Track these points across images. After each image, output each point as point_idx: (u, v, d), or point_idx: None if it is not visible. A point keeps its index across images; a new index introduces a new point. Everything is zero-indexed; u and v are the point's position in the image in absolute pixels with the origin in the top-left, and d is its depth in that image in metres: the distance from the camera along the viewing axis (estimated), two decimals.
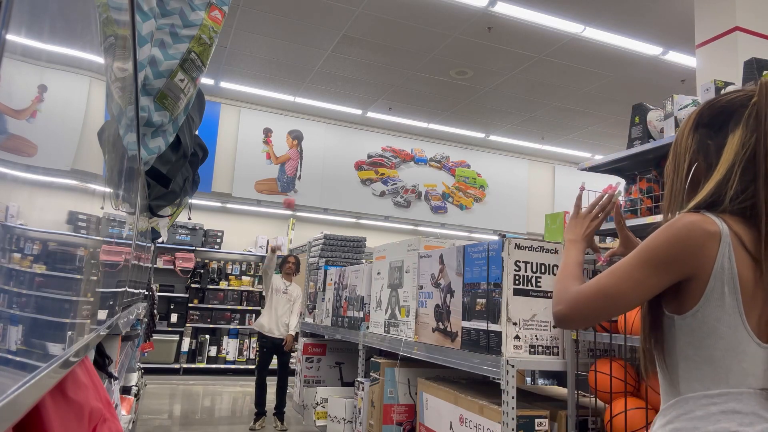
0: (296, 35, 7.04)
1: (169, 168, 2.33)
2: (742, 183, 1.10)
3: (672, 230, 1.10)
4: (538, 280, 2.59)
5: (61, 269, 0.74)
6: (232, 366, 9.08)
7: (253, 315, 9.23)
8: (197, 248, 9.34)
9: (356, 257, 6.09)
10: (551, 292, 2.62)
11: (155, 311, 6.16)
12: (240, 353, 9.20)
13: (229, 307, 9.33)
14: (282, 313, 5.95)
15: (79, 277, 0.86)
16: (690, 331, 1.11)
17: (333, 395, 4.41)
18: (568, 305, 1.18)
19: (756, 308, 1.08)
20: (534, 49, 6.98)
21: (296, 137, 9.84)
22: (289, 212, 10.06)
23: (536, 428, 2.43)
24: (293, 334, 5.81)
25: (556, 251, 2.67)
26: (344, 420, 4.10)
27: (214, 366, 8.99)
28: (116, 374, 1.88)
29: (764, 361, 1.08)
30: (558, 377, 3.56)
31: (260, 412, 5.75)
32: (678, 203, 1.20)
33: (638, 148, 2.86)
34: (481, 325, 2.64)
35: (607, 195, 1.61)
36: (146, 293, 4.59)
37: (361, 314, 4.20)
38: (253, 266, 9.80)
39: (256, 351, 5.97)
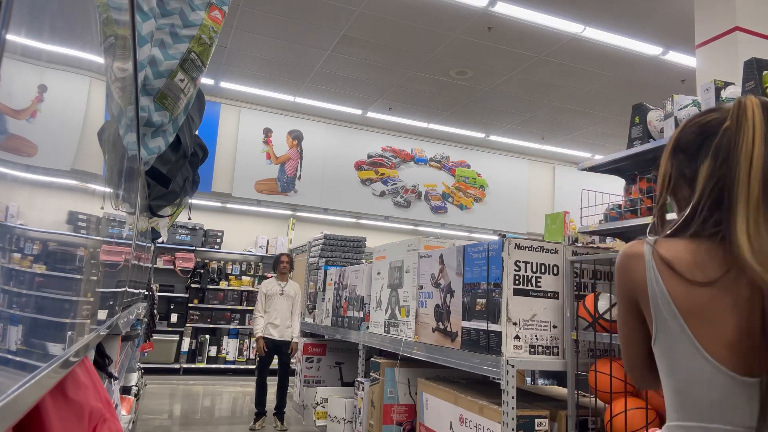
0: (296, 35, 7.04)
1: (169, 168, 2.33)
2: (710, 210, 1.07)
3: (618, 265, 1.15)
4: (538, 280, 2.59)
5: (61, 269, 0.74)
6: (232, 366, 9.08)
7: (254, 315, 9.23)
8: (197, 248, 9.34)
9: (356, 257, 6.09)
10: (551, 292, 2.62)
11: (155, 311, 6.16)
12: (240, 353, 9.20)
13: (229, 307, 9.33)
14: (283, 315, 5.90)
15: (79, 277, 0.86)
16: (659, 360, 1.09)
17: (333, 395, 4.41)
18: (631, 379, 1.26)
19: (715, 335, 1.01)
20: (534, 49, 6.98)
21: (296, 137, 9.84)
22: (289, 212, 10.06)
23: (536, 428, 2.43)
24: (297, 341, 5.78)
25: (556, 251, 2.67)
26: (344, 420, 4.10)
27: (214, 366, 8.99)
28: (116, 374, 1.88)
29: (749, 396, 0.98)
30: (558, 377, 3.56)
31: (260, 412, 5.74)
32: (658, 224, 1.21)
33: (638, 148, 2.86)
34: (481, 325, 2.64)
35: None
36: (146, 293, 4.59)
37: (361, 314, 4.20)
38: (253, 266, 9.80)
39: (256, 351, 5.95)
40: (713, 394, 1.00)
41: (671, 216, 1.21)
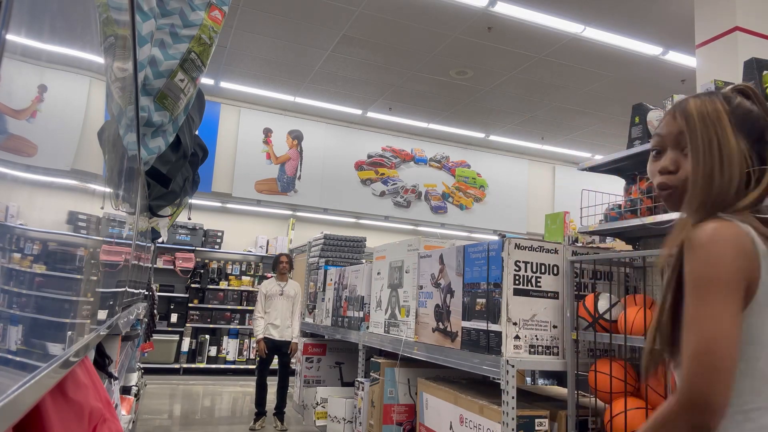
0: (296, 35, 7.04)
1: (169, 168, 2.33)
2: None
3: (717, 244, 1.02)
4: (538, 280, 2.59)
5: (61, 269, 0.74)
6: (232, 366, 9.08)
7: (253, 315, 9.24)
8: (197, 248, 9.34)
9: (356, 257, 6.09)
10: (551, 292, 2.62)
11: (155, 311, 6.16)
12: (240, 353, 9.19)
13: (229, 307, 9.33)
14: (283, 316, 5.90)
15: (79, 277, 0.86)
16: (748, 346, 1.04)
17: (333, 395, 4.41)
18: (686, 402, 0.97)
19: None
20: (534, 49, 6.98)
21: (296, 137, 9.84)
22: (289, 212, 10.06)
23: (536, 428, 2.43)
24: (296, 342, 5.77)
25: (556, 251, 2.67)
26: (344, 420, 4.10)
27: (214, 366, 8.99)
28: (116, 374, 1.88)
29: None
30: (558, 377, 3.56)
31: (260, 412, 5.74)
32: (720, 204, 1.09)
33: (638, 148, 2.86)
34: (481, 325, 2.64)
35: None
36: (146, 293, 4.59)
37: (361, 314, 4.20)
38: (253, 266, 9.80)
39: (257, 351, 5.94)
40: None
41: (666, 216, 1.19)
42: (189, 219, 8.47)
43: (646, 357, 1.14)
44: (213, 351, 9.07)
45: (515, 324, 2.50)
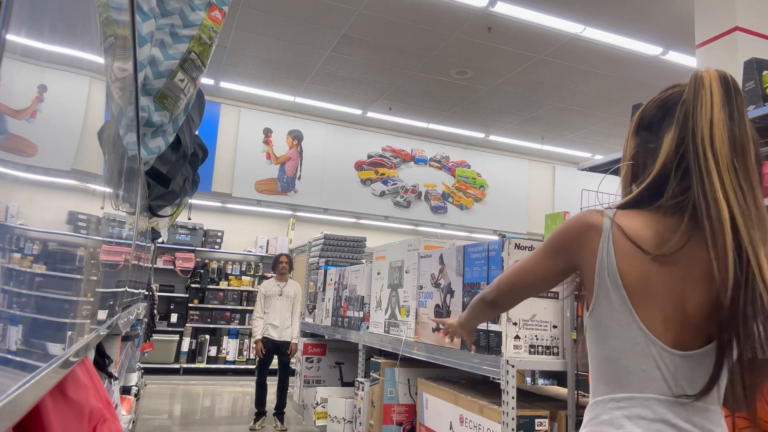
0: (296, 35, 7.04)
1: (169, 168, 2.33)
2: (667, 182, 1.07)
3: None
4: None
5: (61, 269, 0.74)
6: (232, 366, 9.08)
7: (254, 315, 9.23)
8: (197, 248, 9.34)
9: (356, 257, 6.09)
10: (551, 292, 2.62)
11: (155, 311, 6.16)
12: (240, 353, 9.20)
13: (229, 307, 9.33)
14: (283, 316, 5.90)
15: (79, 277, 0.86)
16: (592, 330, 1.11)
17: (333, 395, 4.41)
18: (492, 289, 1.31)
19: (655, 309, 1.03)
20: (534, 49, 6.98)
21: (296, 137, 9.84)
22: (289, 212, 10.06)
23: (536, 428, 2.43)
24: (296, 342, 5.77)
25: None
26: (344, 420, 4.10)
27: (214, 366, 8.99)
28: (116, 374, 1.88)
29: (677, 368, 1.02)
30: (558, 377, 3.56)
31: (260, 412, 5.74)
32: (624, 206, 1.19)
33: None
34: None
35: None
36: (146, 293, 4.60)
37: (361, 314, 4.20)
38: (253, 266, 9.80)
39: (256, 353, 5.94)
40: (646, 364, 1.03)
41: None
42: (189, 219, 8.47)
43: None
44: (213, 351, 9.07)
45: (515, 324, 2.50)
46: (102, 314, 1.24)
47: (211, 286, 9.32)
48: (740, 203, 1.00)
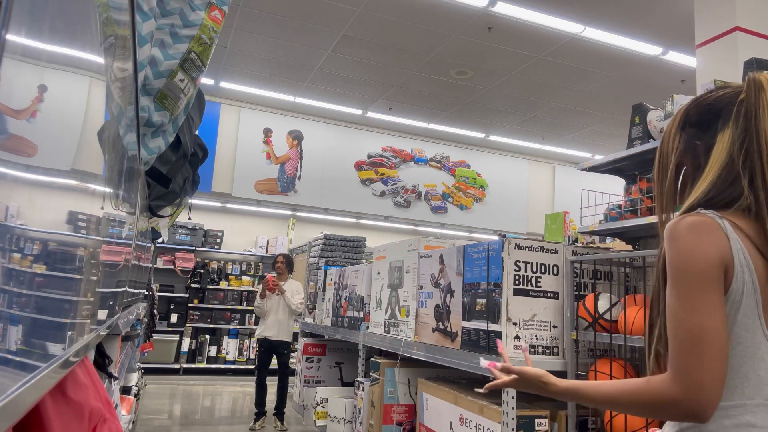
0: (296, 35, 7.04)
1: (169, 168, 2.33)
2: (737, 182, 1.06)
3: (687, 237, 1.02)
4: (538, 280, 2.59)
5: (61, 269, 0.74)
6: (232, 366, 9.08)
7: (253, 315, 9.23)
8: (197, 248, 9.34)
9: (356, 257, 6.09)
10: (551, 292, 2.62)
11: (155, 311, 6.16)
12: (240, 353, 9.19)
13: (229, 307, 9.33)
14: (282, 317, 5.90)
15: (79, 277, 0.86)
16: None
17: (333, 395, 4.41)
18: (680, 392, 0.98)
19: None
20: (534, 49, 6.98)
21: (296, 137, 9.84)
22: (289, 212, 10.06)
23: (536, 428, 2.43)
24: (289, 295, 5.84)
25: (556, 251, 2.67)
26: (344, 420, 4.10)
27: (214, 366, 8.99)
28: (116, 374, 1.88)
29: None
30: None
31: (260, 412, 5.74)
32: (671, 205, 1.17)
33: (638, 148, 2.86)
34: (481, 325, 2.64)
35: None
36: (146, 293, 4.60)
37: (361, 314, 4.20)
38: (253, 266, 9.80)
39: (256, 351, 5.95)
40: (761, 369, 1.00)
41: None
42: (189, 219, 8.46)
43: (650, 357, 1.14)
44: (213, 351, 9.07)
45: (515, 324, 2.50)
46: (102, 314, 1.24)
47: (211, 286, 9.32)
48: None
